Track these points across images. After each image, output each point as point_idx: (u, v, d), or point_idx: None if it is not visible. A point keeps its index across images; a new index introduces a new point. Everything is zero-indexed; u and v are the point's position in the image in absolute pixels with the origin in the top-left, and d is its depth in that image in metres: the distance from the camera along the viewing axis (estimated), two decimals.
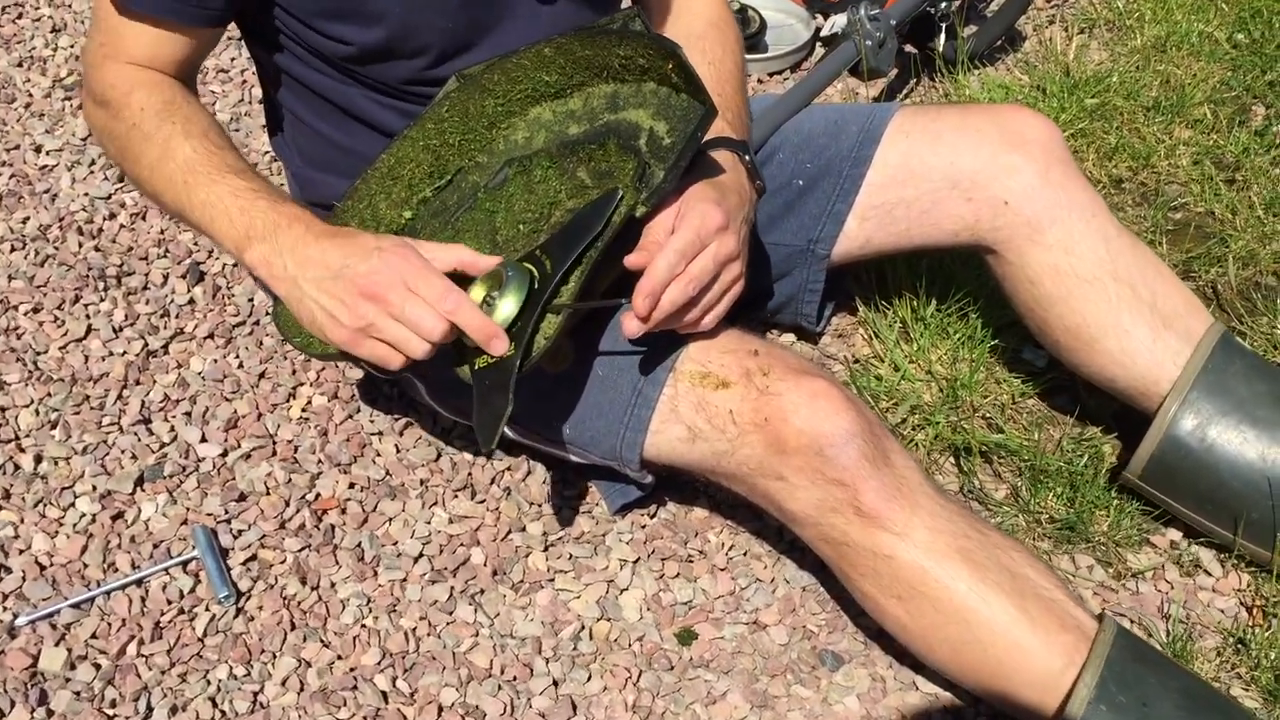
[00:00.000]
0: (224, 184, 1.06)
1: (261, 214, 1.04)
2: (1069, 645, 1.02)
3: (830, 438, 1.04)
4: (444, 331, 0.97)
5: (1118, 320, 1.26)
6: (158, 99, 1.11)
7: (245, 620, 1.20)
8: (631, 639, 1.22)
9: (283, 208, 1.05)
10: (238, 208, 1.05)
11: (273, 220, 1.04)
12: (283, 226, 1.03)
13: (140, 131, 1.10)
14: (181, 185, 1.07)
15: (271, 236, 1.03)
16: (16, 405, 1.37)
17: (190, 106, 1.12)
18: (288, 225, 1.03)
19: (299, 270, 1.01)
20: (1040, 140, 1.29)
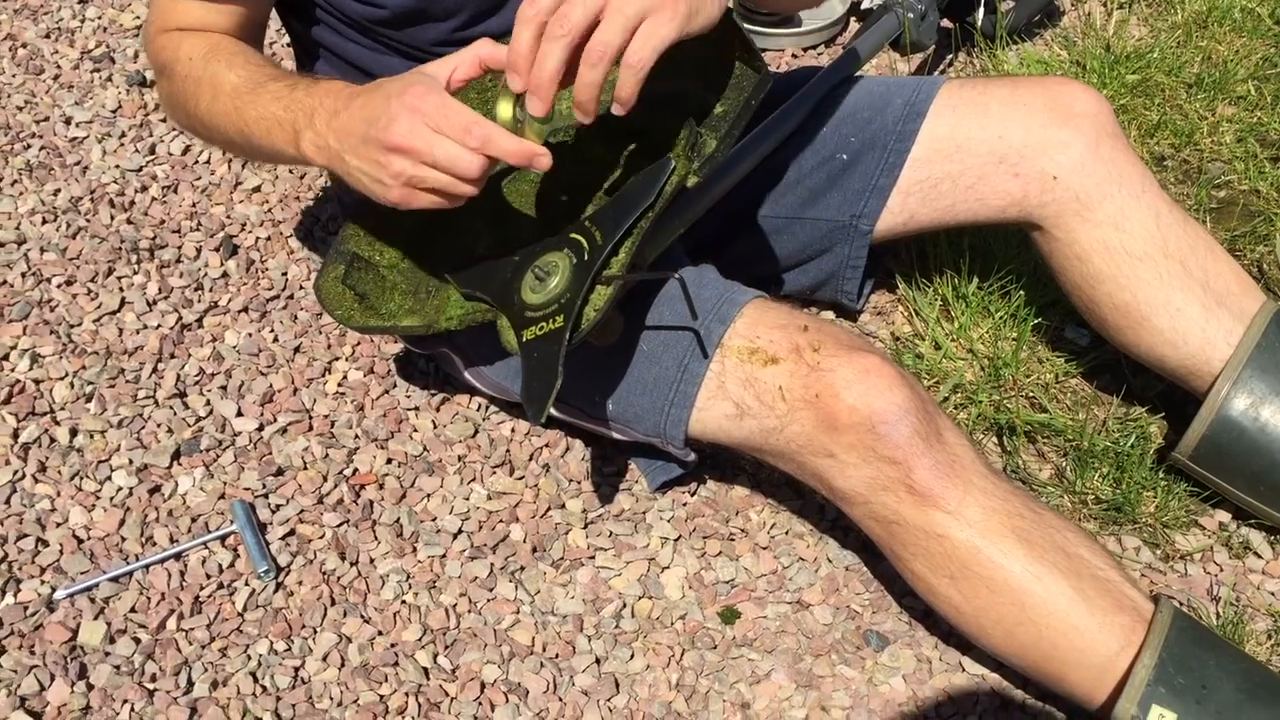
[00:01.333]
0: (266, 93, 1.04)
1: (299, 104, 1.01)
2: (1125, 627, 1.00)
3: (883, 414, 1.02)
4: (481, 165, 0.91)
5: (1169, 298, 1.24)
6: (203, 45, 1.10)
7: (285, 595, 1.19)
8: (674, 617, 1.20)
9: (315, 88, 1.01)
10: (282, 108, 1.02)
11: (309, 105, 1.00)
12: (318, 107, 0.99)
13: (192, 80, 1.09)
14: (235, 113, 1.05)
15: (312, 120, 0.99)
16: (51, 378, 1.36)
17: (234, 45, 1.11)
18: (321, 103, 0.99)
19: (339, 143, 0.97)
20: (1090, 114, 1.26)
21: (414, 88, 0.92)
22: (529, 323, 1.00)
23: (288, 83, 1.04)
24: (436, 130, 0.91)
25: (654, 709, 1.13)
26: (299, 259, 1.53)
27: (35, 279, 1.47)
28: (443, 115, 0.91)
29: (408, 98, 0.91)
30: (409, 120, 0.91)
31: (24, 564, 1.19)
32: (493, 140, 0.91)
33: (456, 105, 0.91)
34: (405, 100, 0.91)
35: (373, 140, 0.93)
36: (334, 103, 0.98)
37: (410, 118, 0.91)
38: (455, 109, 0.91)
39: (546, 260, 1.02)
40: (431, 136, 0.91)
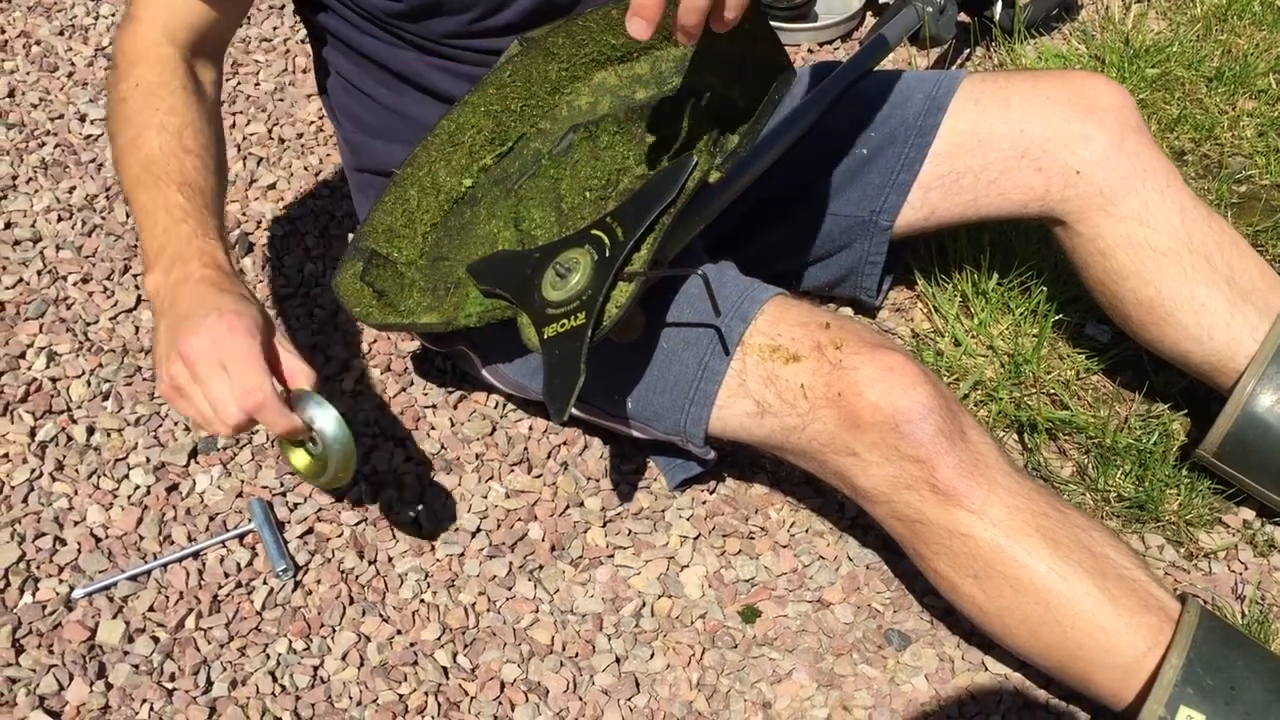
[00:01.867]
0: (165, 194, 1.03)
1: (176, 241, 1.01)
2: (1152, 627, 0.99)
3: (906, 413, 1.01)
4: (238, 424, 0.93)
5: (1193, 293, 1.23)
6: (154, 78, 1.08)
7: (304, 594, 1.19)
8: (694, 616, 1.20)
9: (198, 242, 1.01)
10: (163, 226, 1.02)
11: (179, 252, 1.00)
12: (183, 260, 0.99)
13: (126, 108, 1.08)
14: (135, 180, 1.05)
15: (169, 268, 1.00)
16: (68, 376, 1.36)
17: (183, 95, 1.09)
18: (185, 261, 0.99)
19: (168, 307, 0.98)
20: (1114, 107, 1.25)
21: (235, 318, 0.94)
22: (550, 320, 0.99)
23: (187, 203, 1.03)
24: (224, 369, 0.92)
25: (675, 709, 1.13)
26: (315, 256, 1.53)
27: (51, 277, 1.47)
28: (240, 361, 0.92)
29: (224, 323, 0.93)
30: (208, 345, 0.92)
31: (42, 563, 1.19)
32: (266, 410, 0.93)
33: (258, 362, 0.93)
34: (219, 323, 0.93)
35: (175, 335, 0.94)
36: (191, 271, 0.98)
37: (211, 344, 0.92)
38: (254, 365, 0.92)
39: (567, 257, 1.01)
40: (216, 370, 0.92)
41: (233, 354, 0.92)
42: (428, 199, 1.18)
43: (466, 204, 1.18)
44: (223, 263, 1.01)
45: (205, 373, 0.92)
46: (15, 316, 1.41)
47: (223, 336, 0.92)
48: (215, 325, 0.93)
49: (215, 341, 0.92)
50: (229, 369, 0.92)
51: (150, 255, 1.02)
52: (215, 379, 0.92)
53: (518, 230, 1.11)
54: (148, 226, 1.03)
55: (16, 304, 1.43)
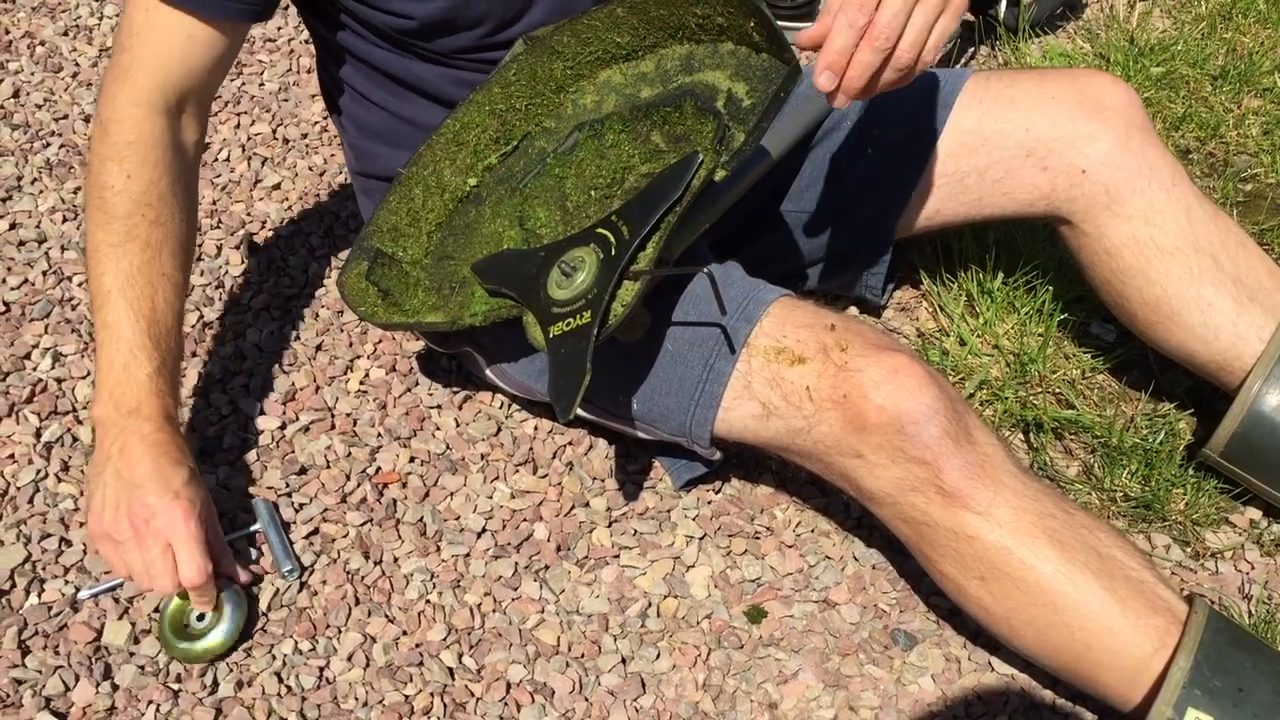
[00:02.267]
0: (130, 328, 1.10)
1: (133, 386, 1.09)
2: (1160, 628, 0.99)
3: (912, 414, 1.01)
4: (168, 592, 1.09)
5: (1200, 293, 1.23)
6: (146, 175, 1.11)
7: (309, 595, 1.19)
8: (700, 616, 1.19)
9: (152, 396, 1.10)
10: (121, 361, 1.10)
11: (134, 400, 1.09)
12: (135, 412, 1.09)
13: (115, 204, 1.11)
14: (105, 290, 1.11)
15: (121, 410, 1.09)
16: (73, 377, 1.36)
17: (172, 200, 1.13)
18: (143, 414, 1.09)
19: (116, 454, 1.08)
20: (1120, 106, 1.25)
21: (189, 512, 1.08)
22: (555, 319, 0.99)
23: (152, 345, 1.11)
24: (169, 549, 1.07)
25: (681, 709, 1.13)
26: (320, 256, 1.53)
27: (56, 277, 1.47)
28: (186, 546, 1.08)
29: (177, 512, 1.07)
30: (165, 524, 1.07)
31: (48, 564, 1.19)
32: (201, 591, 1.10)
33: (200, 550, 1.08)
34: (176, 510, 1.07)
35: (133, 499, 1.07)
36: (149, 429, 1.09)
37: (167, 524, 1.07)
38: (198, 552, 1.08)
39: (573, 255, 1.01)
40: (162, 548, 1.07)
41: (183, 539, 1.07)
42: (432, 198, 1.18)
43: (471, 203, 1.18)
44: (173, 422, 1.12)
45: (151, 545, 1.07)
46: (21, 317, 1.42)
47: (177, 522, 1.07)
48: (171, 509, 1.07)
49: (170, 524, 1.06)
50: (177, 551, 1.07)
51: (104, 386, 1.10)
52: (159, 554, 1.07)
53: (523, 229, 1.11)
54: (106, 354, 1.10)
55: (22, 305, 1.43)
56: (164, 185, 1.12)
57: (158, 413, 1.10)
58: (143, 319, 1.11)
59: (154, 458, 1.08)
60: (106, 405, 1.10)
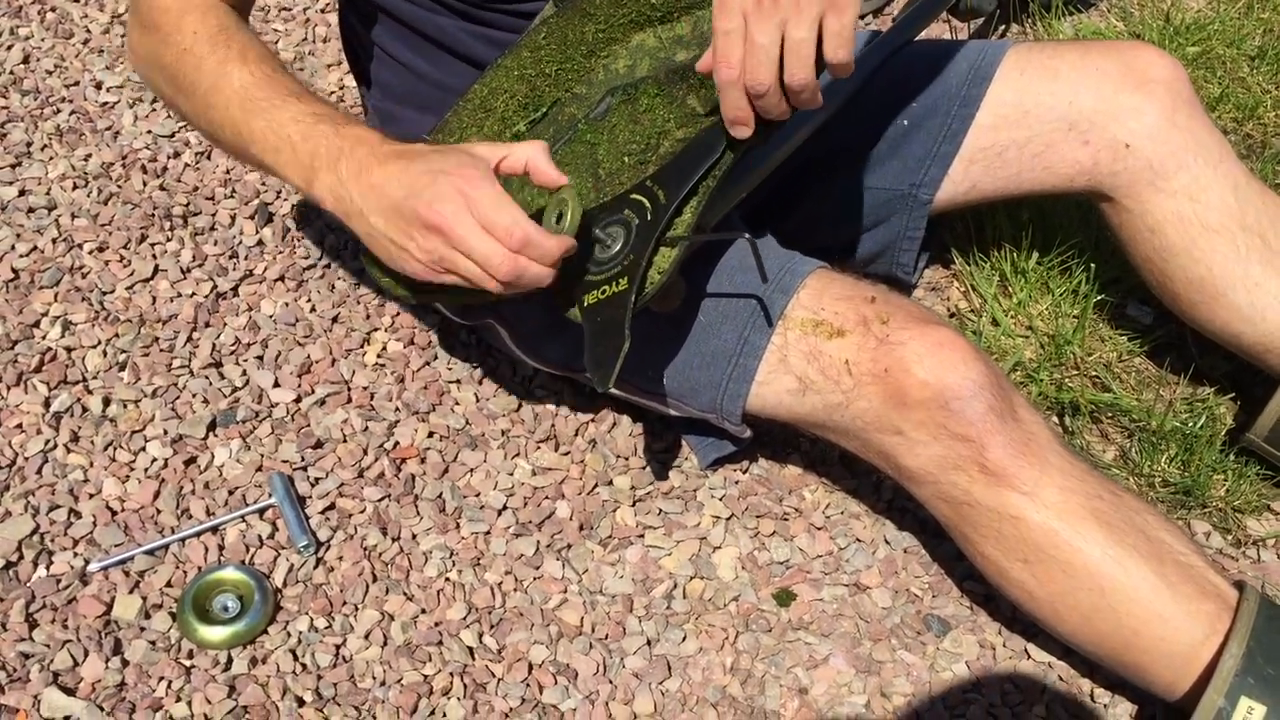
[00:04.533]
0: (284, 109, 0.98)
1: (325, 139, 0.96)
2: (1210, 614, 0.96)
3: (956, 390, 0.97)
4: (510, 269, 0.89)
5: (1246, 272, 1.19)
6: (212, 23, 1.03)
7: (325, 571, 1.15)
8: (727, 599, 1.16)
9: (347, 130, 0.96)
10: (300, 134, 0.96)
11: (336, 146, 0.95)
12: (345, 152, 0.94)
13: (193, 56, 1.02)
14: (240, 113, 0.99)
15: (335, 165, 0.95)
16: (84, 346, 1.32)
17: (245, 33, 1.05)
18: (350, 150, 0.94)
19: (364, 202, 0.93)
20: (1166, 80, 1.21)
21: (467, 170, 0.90)
22: (590, 287, 0.96)
23: (311, 109, 0.98)
24: (480, 221, 0.89)
25: (708, 693, 1.09)
26: (336, 227, 1.49)
27: (66, 245, 1.43)
28: (491, 209, 0.89)
29: (459, 180, 0.89)
30: (455, 204, 0.89)
31: (56, 535, 1.16)
32: (532, 243, 0.89)
33: (506, 202, 0.90)
34: (455, 182, 0.89)
35: (410, 211, 0.90)
36: (366, 155, 0.94)
37: (457, 201, 0.89)
38: (505, 206, 0.89)
39: (607, 222, 0.98)
40: (473, 227, 0.89)
41: (483, 206, 0.89)
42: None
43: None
44: (382, 139, 0.96)
45: (463, 231, 0.89)
46: (30, 285, 1.38)
47: (465, 193, 0.89)
48: (449, 187, 0.89)
49: (460, 199, 0.89)
50: (486, 222, 0.89)
51: (304, 165, 0.96)
52: (475, 235, 0.89)
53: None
54: (283, 143, 0.97)
55: (31, 272, 1.39)
56: (231, 25, 1.03)
57: (361, 139, 0.95)
58: (284, 95, 0.99)
59: (396, 159, 0.93)
60: (324, 178, 0.95)
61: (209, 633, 1.08)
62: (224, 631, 1.08)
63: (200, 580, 1.11)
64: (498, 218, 0.89)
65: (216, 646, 1.08)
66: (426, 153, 0.93)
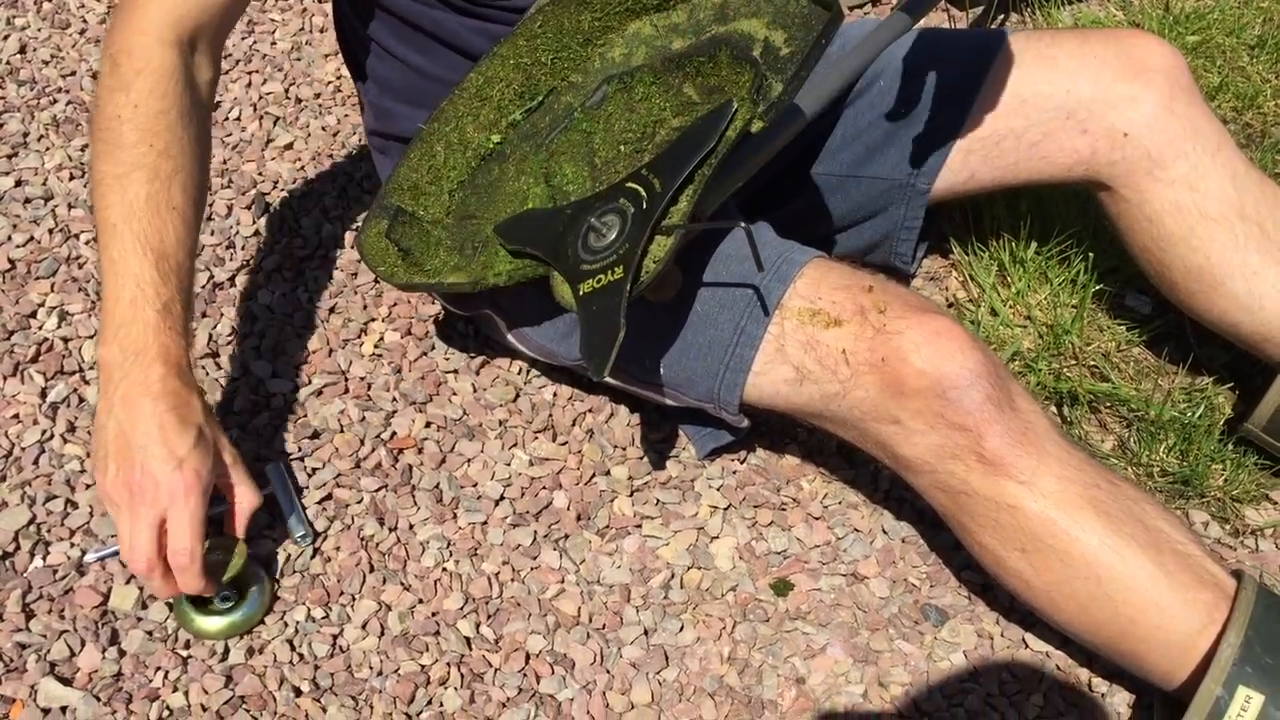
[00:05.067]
0: (139, 262, 1.01)
1: (139, 324, 1.00)
2: (1208, 604, 0.96)
3: (954, 379, 0.97)
4: (141, 572, 1.00)
5: (1245, 261, 1.19)
6: (154, 103, 1.03)
7: (322, 561, 1.15)
8: (724, 589, 1.16)
9: (163, 336, 1.01)
10: (129, 296, 1.00)
11: (142, 341, 1.00)
12: (142, 355, 1.00)
13: (119, 133, 1.03)
14: (110, 224, 1.02)
15: (127, 352, 1.00)
16: (80, 336, 1.32)
17: (181, 131, 1.05)
18: (150, 359, 1.00)
19: (121, 407, 0.99)
20: (1164, 68, 1.21)
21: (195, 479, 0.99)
22: (585, 276, 0.95)
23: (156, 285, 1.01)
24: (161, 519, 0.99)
25: (705, 683, 1.09)
26: (333, 217, 1.49)
27: (63, 235, 1.43)
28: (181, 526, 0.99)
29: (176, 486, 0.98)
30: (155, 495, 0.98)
31: (53, 526, 1.15)
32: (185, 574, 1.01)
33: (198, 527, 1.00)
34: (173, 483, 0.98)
35: (131, 461, 0.98)
36: (158, 378, 1.00)
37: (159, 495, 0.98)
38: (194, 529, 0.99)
39: (603, 211, 0.97)
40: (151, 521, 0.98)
41: (176, 517, 0.99)
42: (455, 156, 1.14)
43: (495, 161, 1.14)
44: (182, 370, 1.02)
45: (141, 517, 0.98)
46: (26, 275, 1.38)
47: (175, 497, 0.98)
48: (169, 481, 0.98)
49: (166, 495, 0.98)
50: (170, 527, 0.99)
51: (109, 325, 1.01)
52: (144, 530, 0.98)
53: (549, 186, 1.07)
54: (112, 289, 1.01)
55: (28, 262, 1.39)
56: (173, 117, 1.04)
57: (166, 357, 1.00)
58: (151, 252, 1.01)
59: (159, 415, 0.98)
60: (112, 346, 1.00)
61: (206, 623, 1.08)
62: (221, 622, 1.08)
63: None
64: (181, 539, 0.99)
65: (213, 637, 1.08)
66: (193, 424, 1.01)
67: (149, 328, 1.00)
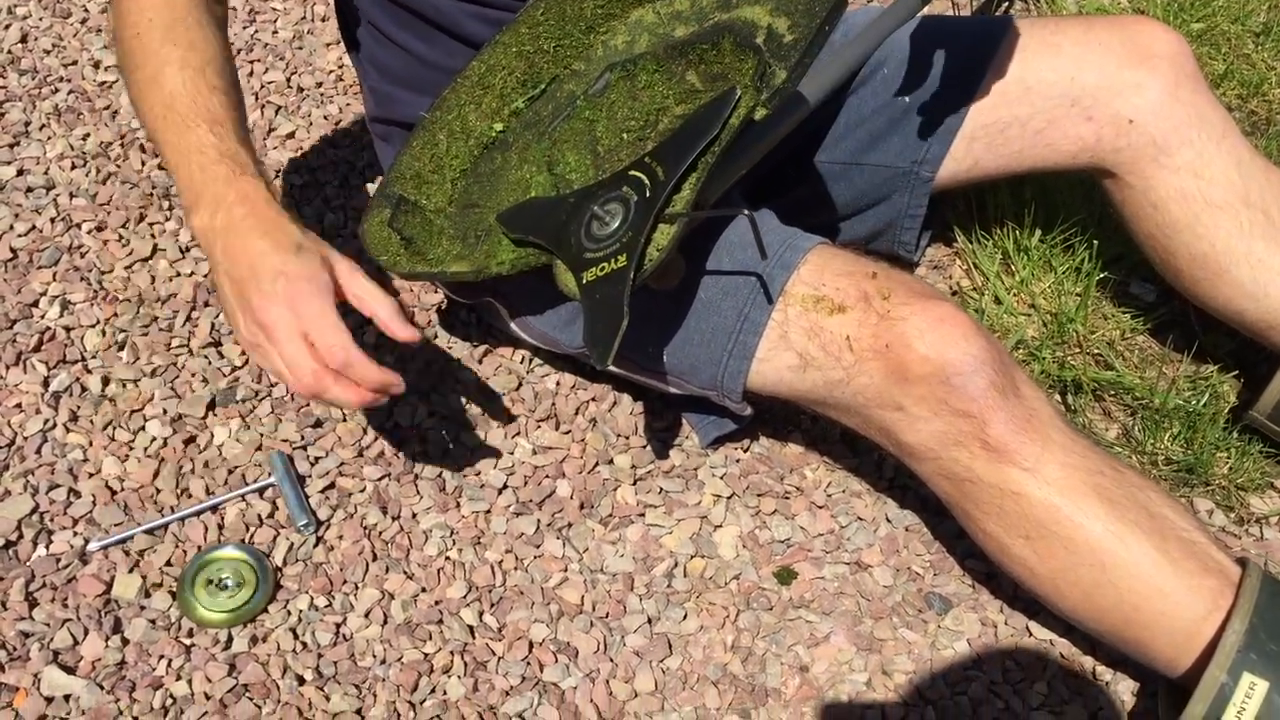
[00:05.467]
0: (194, 134, 1.00)
1: (213, 184, 0.99)
2: (1213, 590, 0.95)
3: (958, 365, 0.97)
4: (311, 385, 0.95)
5: (1250, 248, 1.18)
6: (169, 15, 1.03)
7: (325, 550, 1.15)
8: (728, 577, 1.16)
9: (237, 183, 0.98)
10: (198, 165, 0.99)
11: (220, 195, 0.98)
12: (225, 205, 0.98)
13: (140, 43, 1.03)
14: (160, 119, 1.01)
15: (213, 212, 0.98)
16: (82, 325, 1.32)
17: (200, 30, 1.04)
18: (230, 206, 0.98)
19: (220, 258, 0.98)
20: (1169, 54, 1.20)
21: (304, 283, 0.95)
22: (588, 264, 0.95)
23: (218, 144, 1.00)
24: (305, 331, 0.94)
25: (709, 671, 1.09)
26: (335, 206, 1.48)
27: (65, 224, 1.42)
28: (318, 326, 0.95)
29: (293, 289, 0.94)
30: (281, 311, 0.94)
31: (56, 515, 1.15)
32: (353, 366, 0.95)
33: (334, 321, 0.95)
34: (290, 289, 0.94)
35: (246, 297, 0.95)
36: (242, 218, 0.97)
37: (284, 309, 0.94)
38: (331, 324, 0.95)
39: (606, 199, 0.97)
40: (291, 337, 0.94)
41: (310, 320, 0.94)
42: (457, 144, 1.13)
43: (497, 149, 1.14)
44: (266, 202, 0.98)
45: (283, 338, 0.94)
46: (28, 264, 1.37)
47: (296, 303, 0.94)
48: (285, 292, 0.94)
49: (290, 308, 0.94)
50: (310, 334, 0.94)
51: (189, 198, 0.99)
52: (291, 346, 0.94)
53: (551, 174, 1.07)
54: (181, 168, 1.00)
55: (29, 251, 1.39)
56: (190, 21, 1.04)
57: (244, 198, 0.98)
58: (202, 122, 1.00)
59: (254, 248, 0.96)
60: (200, 218, 0.98)
61: (209, 611, 1.08)
62: (224, 610, 1.08)
63: (200, 559, 1.11)
64: (323, 337, 0.94)
65: (217, 625, 1.08)
66: (288, 243, 0.96)
67: (220, 182, 0.98)
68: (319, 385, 0.95)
